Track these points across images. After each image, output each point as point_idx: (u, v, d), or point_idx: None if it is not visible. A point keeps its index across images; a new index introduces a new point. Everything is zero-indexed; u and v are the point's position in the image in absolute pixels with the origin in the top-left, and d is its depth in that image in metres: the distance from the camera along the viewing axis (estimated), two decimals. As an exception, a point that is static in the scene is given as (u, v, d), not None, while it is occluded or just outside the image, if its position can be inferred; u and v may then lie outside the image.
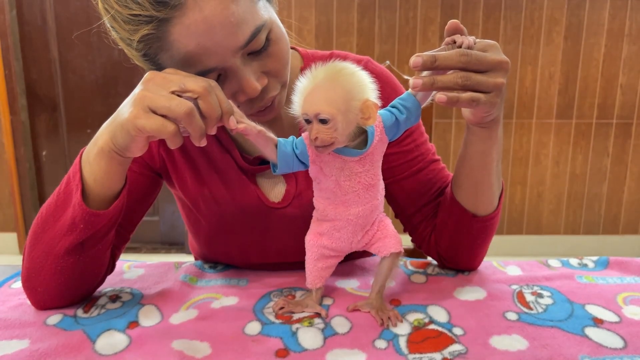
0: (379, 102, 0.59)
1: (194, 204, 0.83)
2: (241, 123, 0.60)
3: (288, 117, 0.80)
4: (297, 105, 0.60)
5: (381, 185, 0.67)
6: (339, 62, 0.60)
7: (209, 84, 0.59)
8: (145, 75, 0.61)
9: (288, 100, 0.75)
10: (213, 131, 0.60)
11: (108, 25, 0.65)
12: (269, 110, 0.70)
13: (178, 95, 0.58)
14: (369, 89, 0.59)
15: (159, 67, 0.65)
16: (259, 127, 0.60)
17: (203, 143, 0.59)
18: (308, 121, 0.59)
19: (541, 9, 2.48)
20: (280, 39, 0.67)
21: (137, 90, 0.60)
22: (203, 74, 0.63)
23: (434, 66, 0.59)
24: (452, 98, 0.59)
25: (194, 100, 0.58)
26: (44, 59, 2.62)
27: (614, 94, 2.57)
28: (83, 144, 0.67)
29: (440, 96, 0.59)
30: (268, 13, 0.65)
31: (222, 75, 0.65)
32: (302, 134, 0.64)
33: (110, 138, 0.62)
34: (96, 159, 0.63)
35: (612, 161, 2.66)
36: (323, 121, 0.57)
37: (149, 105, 0.57)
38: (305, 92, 0.59)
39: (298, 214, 0.80)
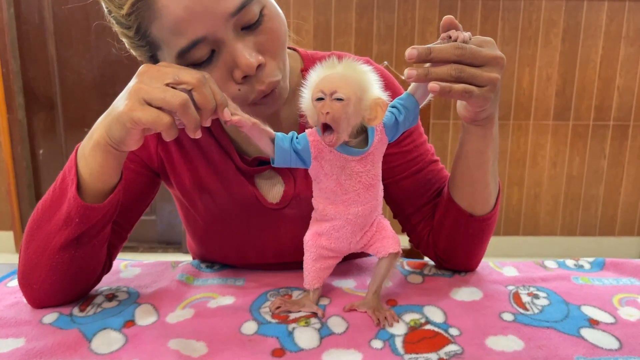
0: (388, 101, 0.60)
1: (192, 204, 0.82)
2: (235, 115, 0.60)
3: (288, 117, 0.80)
4: (312, 85, 0.59)
5: (381, 186, 0.67)
6: (354, 58, 0.60)
7: (203, 76, 0.59)
8: (139, 68, 0.61)
9: (288, 101, 0.75)
10: (207, 123, 0.60)
11: (106, 12, 0.66)
12: (271, 100, 0.69)
13: (172, 87, 0.58)
14: (380, 91, 0.60)
15: (152, 46, 0.65)
16: (253, 120, 0.61)
17: (198, 135, 0.60)
18: (320, 100, 0.58)
19: (539, 11, 2.48)
20: (276, 17, 0.67)
21: (131, 83, 0.60)
22: (194, 44, 0.62)
23: (428, 58, 0.60)
24: (444, 88, 0.59)
25: (189, 92, 0.58)
26: (42, 57, 2.62)
27: (611, 95, 2.58)
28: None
29: (433, 85, 0.59)
30: None
31: (215, 51, 0.64)
32: (306, 130, 0.64)
33: (105, 131, 0.62)
34: (92, 153, 0.63)
35: (608, 163, 2.67)
36: (338, 100, 0.57)
37: (144, 98, 0.58)
38: (321, 75, 0.59)
39: (296, 214, 0.80)
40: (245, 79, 0.66)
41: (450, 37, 0.61)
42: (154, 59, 0.68)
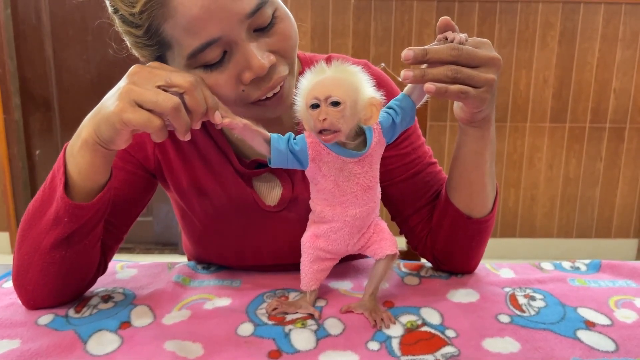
0: (382, 100, 0.60)
1: (189, 206, 0.82)
2: (226, 118, 0.60)
3: (289, 119, 0.80)
4: (305, 92, 0.59)
5: (378, 188, 0.67)
6: (342, 62, 0.60)
7: (195, 79, 0.59)
8: (130, 69, 0.60)
9: (289, 104, 0.75)
10: (197, 126, 0.60)
11: (110, 10, 0.65)
12: (278, 100, 0.69)
13: (164, 90, 0.58)
14: (373, 90, 0.60)
15: (162, 45, 0.64)
16: (244, 121, 0.60)
17: (187, 137, 0.60)
18: (315, 107, 0.58)
19: (536, 13, 2.49)
20: (287, 18, 0.67)
21: (122, 83, 0.59)
22: (208, 45, 0.61)
23: (425, 59, 0.60)
24: (440, 88, 0.59)
25: (180, 95, 0.58)
26: (39, 57, 2.61)
27: (607, 98, 2.59)
28: (77, 144, 0.67)
29: (429, 86, 0.59)
30: None
31: (227, 52, 0.63)
32: (305, 132, 0.64)
33: (94, 130, 0.61)
34: (80, 152, 0.63)
35: (605, 165, 2.67)
36: (334, 104, 0.57)
37: (135, 100, 0.57)
38: (313, 82, 0.59)
39: (294, 217, 0.80)
40: (253, 80, 0.65)
41: (446, 39, 0.62)
42: (161, 59, 0.67)
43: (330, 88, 0.57)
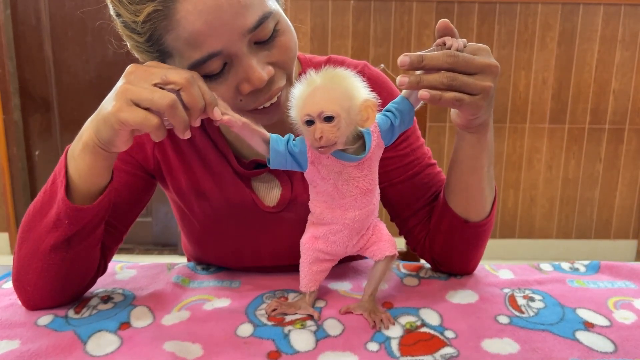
0: (376, 100, 0.60)
1: (188, 206, 0.82)
2: (225, 114, 0.60)
3: (289, 121, 0.80)
4: (297, 109, 0.59)
5: (377, 190, 0.67)
6: (331, 67, 0.60)
7: (191, 76, 0.59)
8: (127, 68, 0.60)
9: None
10: (197, 123, 0.60)
11: (112, 12, 0.65)
12: (275, 108, 0.69)
13: (160, 88, 0.58)
14: (366, 91, 0.60)
15: (163, 54, 0.64)
16: (244, 120, 0.60)
17: (187, 135, 0.59)
18: (310, 123, 0.59)
19: (535, 15, 2.49)
20: (288, 30, 0.67)
21: (119, 83, 0.60)
22: (209, 58, 0.62)
23: (420, 66, 0.59)
24: (434, 95, 0.59)
25: (177, 92, 0.58)
26: (38, 58, 2.61)
27: (606, 99, 2.59)
28: (76, 144, 0.67)
29: (423, 93, 0.59)
30: (275, 6, 0.65)
31: (227, 64, 0.64)
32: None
33: (94, 132, 0.61)
34: (81, 155, 0.63)
35: (604, 166, 2.67)
36: (328, 119, 0.57)
37: (132, 98, 0.57)
38: (304, 95, 0.59)
39: (293, 218, 0.80)
40: (251, 91, 0.65)
41: (444, 44, 0.61)
42: (162, 56, 0.67)
43: (321, 103, 0.57)
